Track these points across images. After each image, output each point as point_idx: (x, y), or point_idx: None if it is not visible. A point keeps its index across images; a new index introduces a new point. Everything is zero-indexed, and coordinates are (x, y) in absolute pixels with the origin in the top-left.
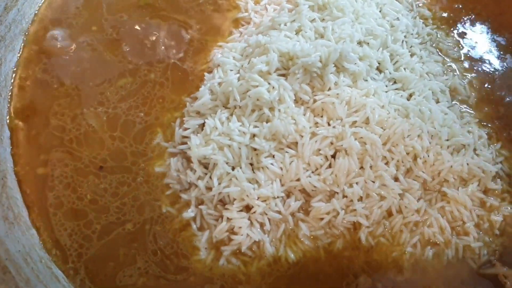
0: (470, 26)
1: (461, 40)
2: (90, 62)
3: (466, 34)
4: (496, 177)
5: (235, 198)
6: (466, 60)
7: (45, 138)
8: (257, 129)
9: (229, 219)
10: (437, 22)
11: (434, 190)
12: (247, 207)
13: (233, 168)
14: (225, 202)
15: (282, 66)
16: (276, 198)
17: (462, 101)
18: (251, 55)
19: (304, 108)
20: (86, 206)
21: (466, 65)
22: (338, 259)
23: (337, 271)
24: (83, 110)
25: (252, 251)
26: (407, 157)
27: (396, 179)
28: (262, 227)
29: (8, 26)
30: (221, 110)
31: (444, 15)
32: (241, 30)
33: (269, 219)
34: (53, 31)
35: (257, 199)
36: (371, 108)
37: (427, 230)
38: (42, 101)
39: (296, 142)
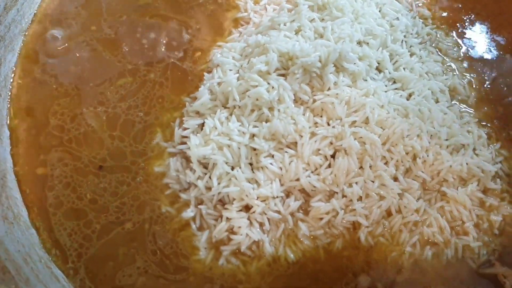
0: (470, 26)
1: (460, 40)
2: (90, 62)
3: (465, 34)
4: (495, 177)
5: (235, 198)
6: (465, 60)
7: (44, 138)
8: (256, 129)
9: (228, 219)
10: (436, 22)
11: (433, 190)
12: (247, 207)
13: (232, 168)
14: (224, 202)
15: (281, 66)
16: (275, 198)
17: (461, 101)
18: (251, 55)
19: (303, 108)
20: (85, 205)
21: (465, 65)
22: (337, 259)
23: (336, 271)
24: (83, 110)
25: (251, 251)
26: (407, 157)
27: (395, 179)
28: (261, 227)
29: (7, 26)
30: (220, 110)
31: (443, 15)
32: (240, 30)
33: (268, 219)
34: (52, 31)
35: (256, 199)
36: (371, 108)
37: (427, 230)
38: (41, 101)
39: (295, 142)
